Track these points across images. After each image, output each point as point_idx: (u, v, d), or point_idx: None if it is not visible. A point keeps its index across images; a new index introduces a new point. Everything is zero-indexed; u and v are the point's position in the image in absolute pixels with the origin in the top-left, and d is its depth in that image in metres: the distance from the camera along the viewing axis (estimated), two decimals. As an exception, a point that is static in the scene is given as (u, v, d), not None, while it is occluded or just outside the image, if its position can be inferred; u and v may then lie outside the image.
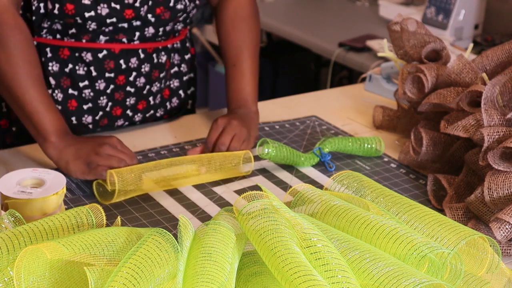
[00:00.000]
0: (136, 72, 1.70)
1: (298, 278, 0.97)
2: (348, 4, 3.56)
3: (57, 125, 1.49)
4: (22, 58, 1.48)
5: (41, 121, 1.48)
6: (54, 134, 1.48)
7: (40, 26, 1.61)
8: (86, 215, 1.14)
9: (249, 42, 1.73)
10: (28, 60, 1.49)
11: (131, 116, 1.75)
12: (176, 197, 1.48)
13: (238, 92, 1.70)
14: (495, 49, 1.57)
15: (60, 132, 1.49)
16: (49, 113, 1.49)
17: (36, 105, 1.48)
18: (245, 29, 1.73)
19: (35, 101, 1.48)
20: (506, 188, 1.31)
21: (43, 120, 1.48)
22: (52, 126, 1.48)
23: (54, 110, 1.50)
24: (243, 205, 1.12)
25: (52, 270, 1.04)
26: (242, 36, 1.73)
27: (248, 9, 1.75)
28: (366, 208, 1.20)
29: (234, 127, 1.59)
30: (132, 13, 1.60)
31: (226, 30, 1.74)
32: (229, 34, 1.73)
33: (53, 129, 1.48)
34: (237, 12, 1.74)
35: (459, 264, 1.08)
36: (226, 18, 1.74)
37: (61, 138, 1.49)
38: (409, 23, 1.67)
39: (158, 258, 1.01)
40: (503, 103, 1.43)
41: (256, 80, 1.73)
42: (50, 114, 1.49)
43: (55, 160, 1.48)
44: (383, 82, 2.03)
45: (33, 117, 1.48)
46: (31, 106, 1.48)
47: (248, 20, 1.74)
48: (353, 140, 1.66)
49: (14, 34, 1.49)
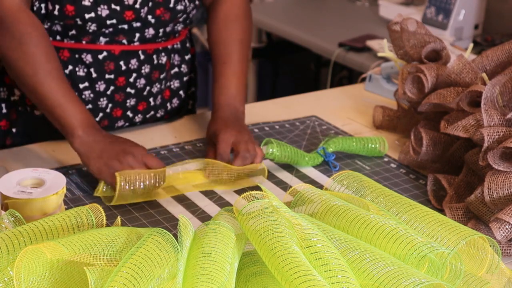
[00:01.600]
0: (136, 73, 1.70)
1: (298, 278, 0.97)
2: (348, 4, 3.56)
3: (83, 118, 1.48)
4: (40, 55, 1.49)
5: (65, 114, 1.47)
6: (80, 128, 1.47)
7: (41, 27, 1.61)
8: (86, 215, 1.14)
9: (241, 42, 1.72)
10: (47, 56, 1.50)
11: (131, 117, 1.75)
12: (176, 197, 1.47)
13: (227, 89, 1.66)
14: (495, 49, 1.57)
15: (87, 125, 1.48)
16: (73, 106, 1.48)
17: (59, 99, 1.48)
18: (238, 28, 1.73)
19: (58, 95, 1.48)
20: (506, 188, 1.31)
21: (67, 113, 1.47)
22: (77, 120, 1.48)
23: (78, 103, 1.49)
24: (243, 205, 1.12)
25: (52, 270, 1.04)
26: (234, 35, 1.72)
27: (241, 9, 1.74)
28: (366, 208, 1.20)
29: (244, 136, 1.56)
30: (132, 14, 1.60)
31: (218, 29, 1.73)
32: (220, 33, 1.72)
33: (79, 122, 1.48)
34: (231, 11, 1.73)
35: (459, 264, 1.08)
36: (219, 17, 1.73)
37: (88, 132, 1.48)
38: (409, 23, 1.67)
39: (158, 258, 1.01)
40: (503, 103, 1.43)
41: (245, 80, 1.70)
42: (74, 108, 1.48)
43: (80, 154, 1.47)
44: (383, 82, 2.03)
45: (57, 111, 1.48)
46: (54, 101, 1.48)
47: (241, 20, 1.74)
48: (357, 140, 1.66)
49: (30, 31, 1.49)
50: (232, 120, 1.61)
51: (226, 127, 1.58)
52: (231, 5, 1.73)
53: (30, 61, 1.48)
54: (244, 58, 1.71)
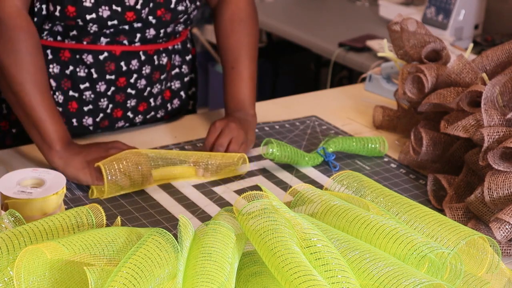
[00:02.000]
0: (137, 74, 1.70)
1: (298, 278, 0.97)
2: (348, 4, 3.56)
3: (61, 134, 1.50)
4: (31, 64, 1.48)
5: (47, 129, 1.48)
6: (58, 143, 1.49)
7: (41, 28, 1.60)
8: (86, 215, 1.14)
9: (248, 44, 1.73)
10: (37, 67, 1.49)
11: (131, 118, 1.75)
12: (176, 197, 1.48)
13: (236, 95, 1.71)
14: (495, 49, 1.57)
15: (64, 141, 1.50)
16: (54, 121, 1.49)
17: (42, 113, 1.48)
18: (244, 31, 1.73)
19: (42, 108, 1.48)
20: (506, 188, 1.31)
21: (48, 128, 1.48)
22: (56, 135, 1.49)
23: (58, 119, 1.50)
24: (243, 205, 1.12)
25: (52, 270, 1.04)
26: (241, 39, 1.73)
27: (247, 11, 1.74)
28: (366, 208, 1.20)
29: (232, 130, 1.59)
30: (134, 15, 1.60)
31: (224, 32, 1.74)
32: (227, 37, 1.73)
33: (57, 138, 1.49)
34: (236, 14, 1.73)
35: (459, 264, 1.08)
36: (225, 20, 1.74)
37: (65, 147, 1.49)
38: (409, 23, 1.67)
39: (158, 258, 1.01)
40: (503, 103, 1.43)
41: (254, 83, 1.73)
42: (55, 123, 1.49)
43: (61, 170, 1.47)
44: (383, 82, 2.03)
45: (38, 124, 1.48)
46: (37, 113, 1.48)
47: (247, 22, 1.74)
48: (357, 140, 1.66)
49: (26, 38, 1.48)
50: (238, 118, 1.65)
51: (220, 119, 1.63)
52: (236, 9, 1.74)
53: (20, 69, 1.47)
54: (252, 61, 1.73)
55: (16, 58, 1.47)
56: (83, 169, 1.47)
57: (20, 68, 1.47)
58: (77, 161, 1.48)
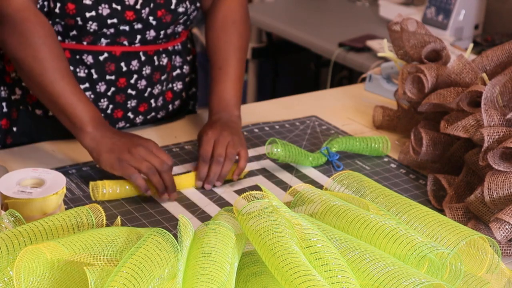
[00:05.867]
0: (137, 75, 1.70)
1: (298, 278, 0.97)
2: (348, 4, 3.56)
3: (92, 115, 1.49)
4: (48, 53, 1.49)
5: (75, 112, 1.48)
6: (90, 124, 1.48)
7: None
8: (86, 215, 1.14)
9: (238, 46, 1.72)
10: (54, 54, 1.50)
11: (132, 119, 1.75)
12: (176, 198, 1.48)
13: (221, 94, 1.68)
14: (495, 49, 1.57)
15: (96, 122, 1.49)
16: (82, 103, 1.49)
17: (68, 97, 1.48)
18: (235, 33, 1.73)
19: (67, 93, 1.48)
20: (506, 188, 1.31)
21: (77, 111, 1.48)
22: (87, 116, 1.48)
23: (86, 101, 1.50)
24: (243, 205, 1.12)
25: (52, 270, 1.04)
26: (232, 40, 1.72)
27: (240, 13, 1.74)
28: (366, 208, 1.20)
29: (226, 137, 1.57)
30: (133, 15, 1.60)
31: (215, 33, 1.73)
32: (218, 37, 1.73)
33: (88, 119, 1.48)
34: (229, 15, 1.73)
35: (459, 264, 1.08)
36: (217, 21, 1.73)
37: (97, 128, 1.49)
38: (409, 23, 1.67)
39: (158, 258, 1.01)
40: (503, 103, 1.43)
41: (241, 85, 1.71)
42: (83, 105, 1.49)
43: (90, 150, 1.48)
44: (383, 82, 2.03)
45: (66, 109, 1.48)
46: (63, 99, 1.48)
47: (239, 25, 1.73)
48: (360, 139, 1.66)
49: (38, 30, 1.49)
50: (222, 123, 1.61)
51: (211, 128, 1.59)
52: (229, 10, 1.73)
53: (38, 60, 1.48)
54: (240, 63, 1.72)
55: (31, 50, 1.48)
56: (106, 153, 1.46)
57: (37, 60, 1.48)
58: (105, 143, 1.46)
